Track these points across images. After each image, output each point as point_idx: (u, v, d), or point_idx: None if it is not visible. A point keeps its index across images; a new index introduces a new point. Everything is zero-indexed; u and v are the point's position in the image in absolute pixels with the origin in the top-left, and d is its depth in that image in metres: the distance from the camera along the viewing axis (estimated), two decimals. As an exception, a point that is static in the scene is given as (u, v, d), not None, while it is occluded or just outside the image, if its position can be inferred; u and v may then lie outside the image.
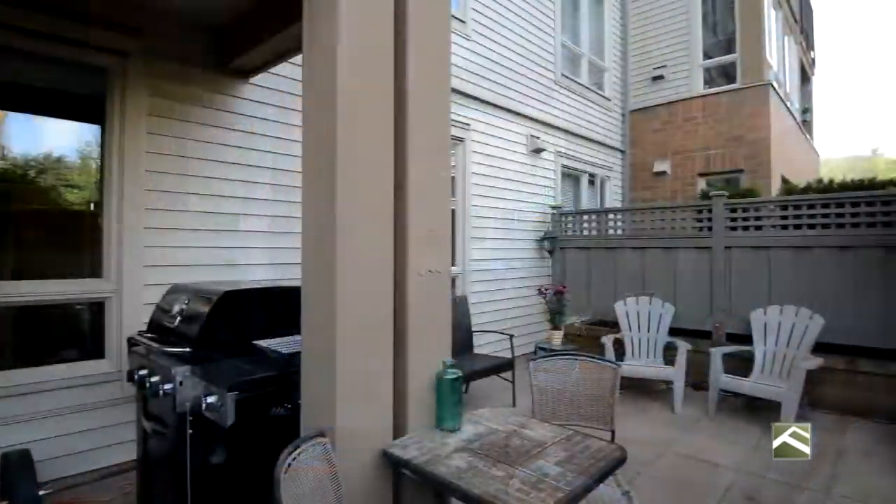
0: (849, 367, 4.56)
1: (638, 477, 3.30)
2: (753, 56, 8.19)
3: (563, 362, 2.65)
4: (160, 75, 3.48)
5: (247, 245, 3.91)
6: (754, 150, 7.89)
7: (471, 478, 1.59)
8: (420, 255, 2.08)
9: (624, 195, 9.21)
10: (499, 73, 6.38)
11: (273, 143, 4.06)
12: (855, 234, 4.61)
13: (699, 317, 5.46)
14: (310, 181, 1.97)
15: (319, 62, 1.94)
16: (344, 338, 1.81)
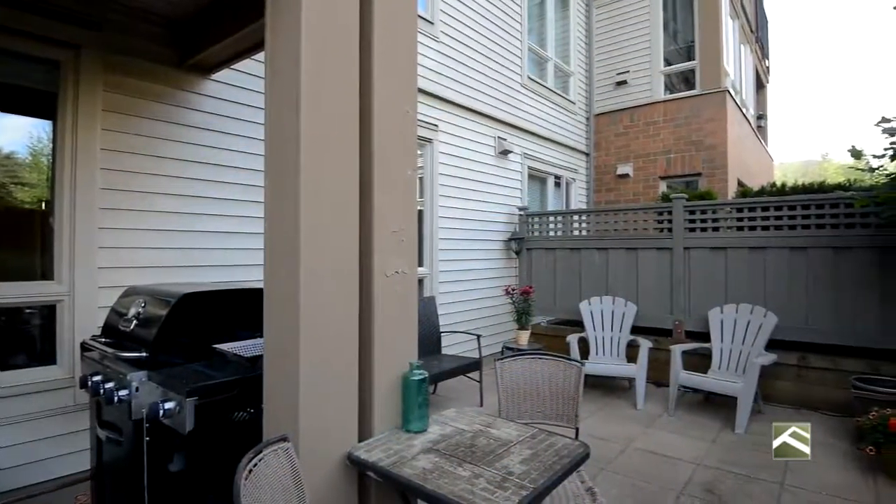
0: (801, 362, 4.77)
1: (601, 473, 3.38)
2: (711, 64, 8.48)
3: (528, 362, 2.69)
4: (116, 70, 3.35)
5: (209, 246, 3.81)
6: (712, 154, 8.18)
7: (436, 479, 1.59)
8: (386, 256, 2.07)
9: (589, 197, 9.40)
10: (467, 75, 6.41)
11: (237, 142, 3.97)
12: (806, 236, 4.83)
13: (660, 315, 5.63)
14: (273, 180, 1.94)
15: (282, 59, 1.91)
16: (308, 340, 1.79)
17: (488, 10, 6.87)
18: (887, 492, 3.09)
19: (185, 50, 3.59)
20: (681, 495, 3.10)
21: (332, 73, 1.92)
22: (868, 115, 25.81)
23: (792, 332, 4.79)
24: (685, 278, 5.50)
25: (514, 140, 7.30)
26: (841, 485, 3.21)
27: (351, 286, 1.96)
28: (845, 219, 4.64)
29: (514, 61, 7.39)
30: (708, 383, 4.55)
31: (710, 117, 8.26)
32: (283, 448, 1.62)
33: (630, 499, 3.05)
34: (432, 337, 5.03)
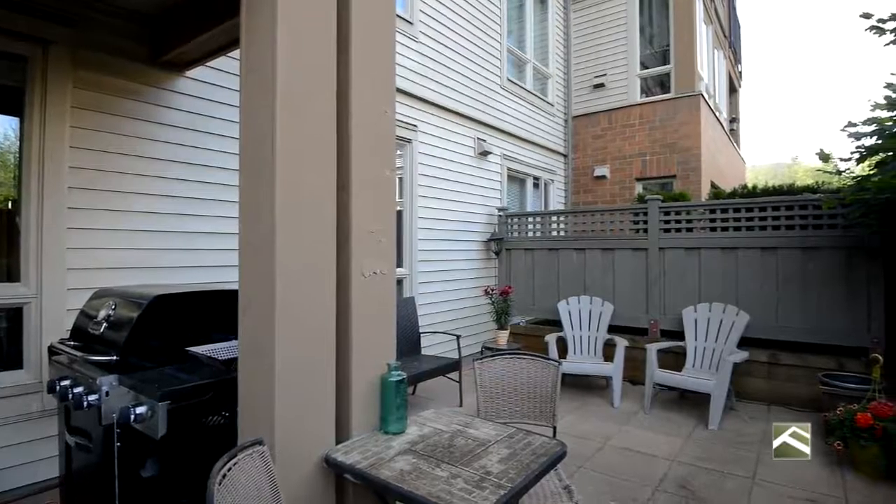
0: (771, 360, 4.90)
1: (579, 471, 3.42)
2: (686, 68, 8.66)
3: (507, 361, 2.70)
4: (86, 66, 3.26)
5: (183, 247, 3.74)
6: (686, 156, 8.35)
7: (414, 480, 1.59)
8: (364, 256, 2.06)
9: (567, 198, 9.50)
10: (446, 76, 6.42)
11: (215, 141, 3.91)
12: (776, 236, 4.97)
13: (636, 315, 5.72)
14: (247, 180, 1.91)
15: (258, 56, 1.88)
16: (283, 342, 1.77)
17: (468, 11, 6.90)
18: (854, 486, 3.20)
19: (158, 46, 3.52)
20: (656, 491, 3.15)
21: (308, 72, 1.90)
22: (836, 120, 26.51)
23: (763, 331, 4.92)
24: (660, 278, 5.60)
25: (494, 141, 7.33)
26: (810, 479, 3.30)
27: (328, 287, 1.95)
28: (814, 220, 4.78)
29: (494, 63, 7.42)
30: (682, 381, 4.64)
31: (684, 120, 8.43)
32: (258, 452, 1.60)
33: (607, 495, 3.09)
34: (412, 337, 5.03)
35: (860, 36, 20.53)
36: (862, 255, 4.52)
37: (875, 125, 3.68)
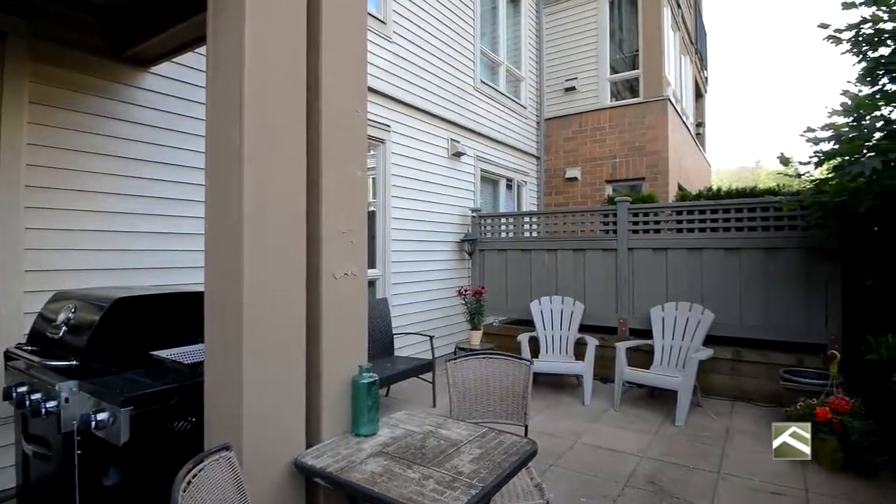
0: (735, 357, 5.06)
1: (551, 468, 3.46)
2: (654, 73, 8.86)
3: (479, 362, 2.71)
4: (45, 59, 3.13)
5: (147, 248, 3.63)
6: (654, 159, 8.55)
7: (385, 482, 1.58)
8: (334, 257, 2.04)
9: (539, 199, 9.61)
10: (420, 77, 6.42)
11: (178, 138, 3.81)
12: (740, 237, 5.13)
13: (606, 314, 5.82)
14: (214, 179, 1.87)
15: (224, 53, 1.85)
16: (251, 344, 1.73)
17: (441, 12, 6.91)
18: (814, 478, 3.32)
19: (121, 40, 3.41)
20: (626, 487, 3.21)
21: (277, 70, 1.87)
22: (797, 125, 27.60)
23: (727, 329, 5.08)
24: (629, 278, 5.72)
25: (467, 142, 7.36)
26: (772, 470, 3.42)
27: (297, 288, 1.92)
28: (775, 221, 4.96)
29: (467, 64, 7.45)
30: (650, 378, 4.74)
31: (652, 124, 8.63)
32: (224, 457, 1.56)
33: (578, 492, 3.14)
34: (385, 339, 5.00)
35: (820, 45, 21.48)
36: (820, 255, 4.70)
37: (832, 131, 3.84)
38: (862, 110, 3.73)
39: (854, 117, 3.78)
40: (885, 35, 3.86)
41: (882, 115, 3.77)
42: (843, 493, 3.10)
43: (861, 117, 3.75)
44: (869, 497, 3.05)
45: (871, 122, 3.70)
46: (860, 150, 3.63)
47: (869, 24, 3.89)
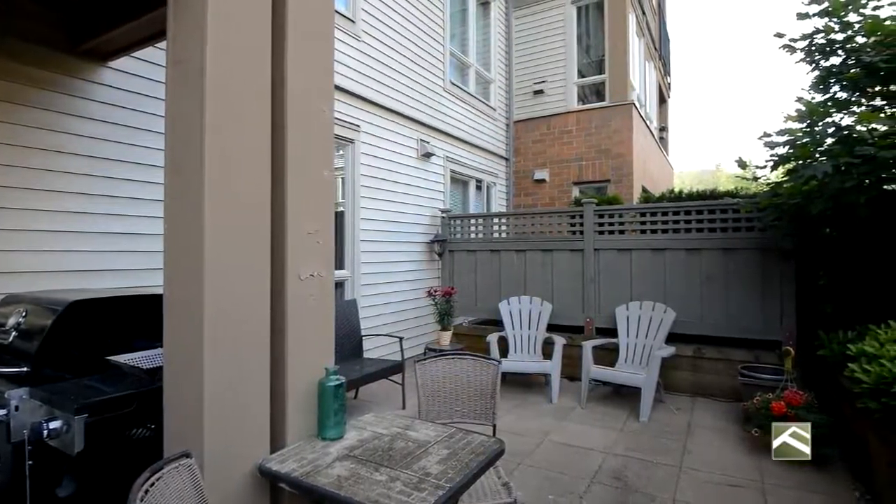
0: (696, 354, 5.21)
1: (519, 467, 3.49)
2: (619, 78, 9.06)
3: (448, 362, 2.72)
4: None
5: (105, 249, 3.49)
6: (619, 162, 8.74)
7: (352, 485, 1.56)
8: (301, 258, 2.00)
9: (508, 200, 9.69)
10: (389, 77, 6.39)
11: (138, 136, 3.68)
12: (700, 238, 5.29)
13: (573, 313, 5.91)
14: (174, 177, 1.81)
15: (185, 47, 1.79)
16: (213, 348, 1.69)
17: (411, 12, 6.89)
18: (770, 470, 3.45)
19: (78, 33, 3.28)
20: (592, 483, 3.27)
21: (240, 66, 1.83)
22: (756, 130, 28.63)
23: (689, 326, 5.23)
24: (595, 278, 5.82)
25: (437, 143, 7.36)
26: (731, 464, 3.53)
27: (261, 290, 1.88)
28: (733, 223, 5.14)
29: (437, 65, 7.46)
30: (615, 376, 4.85)
31: (617, 128, 8.82)
32: (184, 464, 1.51)
33: (546, 490, 3.17)
34: (353, 340, 4.95)
35: (777, 53, 22.39)
36: (776, 256, 4.89)
37: (787, 136, 4.00)
38: (815, 117, 3.90)
39: (808, 123, 3.95)
40: (836, 45, 4.05)
41: (833, 121, 3.95)
42: (797, 484, 3.23)
43: (814, 123, 3.92)
44: (821, 486, 3.19)
45: (824, 128, 3.87)
46: (813, 155, 3.79)
47: (821, 34, 4.08)
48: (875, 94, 4.04)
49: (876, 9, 3.91)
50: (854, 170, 3.45)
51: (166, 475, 1.44)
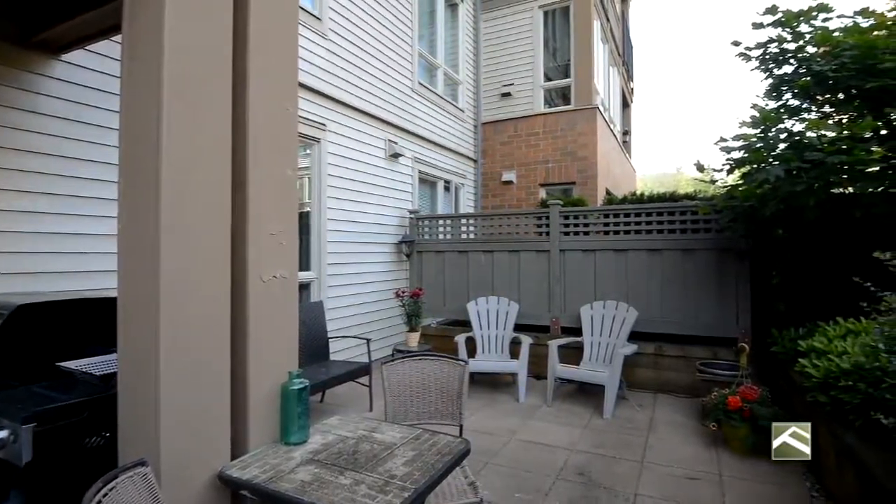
0: (657, 351, 5.36)
1: (486, 466, 3.51)
2: (585, 82, 9.24)
3: (415, 363, 2.71)
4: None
5: (58, 250, 3.34)
6: (585, 164, 8.92)
7: (316, 490, 1.54)
8: (263, 259, 1.96)
9: (477, 201, 9.75)
10: (357, 76, 6.33)
11: (92, 132, 3.54)
12: (661, 239, 5.45)
13: (540, 313, 6.00)
14: (128, 176, 1.75)
15: (142, 42, 1.73)
16: (169, 352, 1.64)
17: (379, 12, 6.85)
18: (727, 462, 3.57)
19: (29, 25, 3.12)
20: (557, 480, 3.32)
21: (199, 62, 1.78)
22: (714, 135, 29.54)
23: (650, 325, 5.37)
24: (561, 278, 5.92)
25: (405, 144, 7.35)
26: (690, 458, 3.65)
27: (221, 292, 1.83)
28: (692, 224, 5.31)
29: (405, 66, 7.44)
30: (580, 374, 4.94)
31: (582, 131, 8.99)
32: (140, 473, 1.46)
33: (513, 488, 3.20)
34: (319, 343, 4.88)
35: (734, 61, 23.48)
36: (732, 256, 5.08)
37: (742, 141, 4.16)
38: (768, 123, 4.07)
39: (761, 129, 4.11)
40: (788, 55, 4.23)
41: (785, 127, 4.13)
42: (752, 476, 3.36)
43: (767, 129, 4.08)
44: (774, 478, 3.32)
45: (776, 134, 4.04)
46: (766, 159, 3.95)
47: (775, 43, 4.25)
48: (824, 102, 4.24)
49: (826, 20, 4.10)
50: (804, 174, 3.61)
51: (120, 485, 1.38)
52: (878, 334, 2.45)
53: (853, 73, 3.59)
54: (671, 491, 3.16)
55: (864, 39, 3.58)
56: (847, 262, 3.79)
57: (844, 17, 4.06)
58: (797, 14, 4.11)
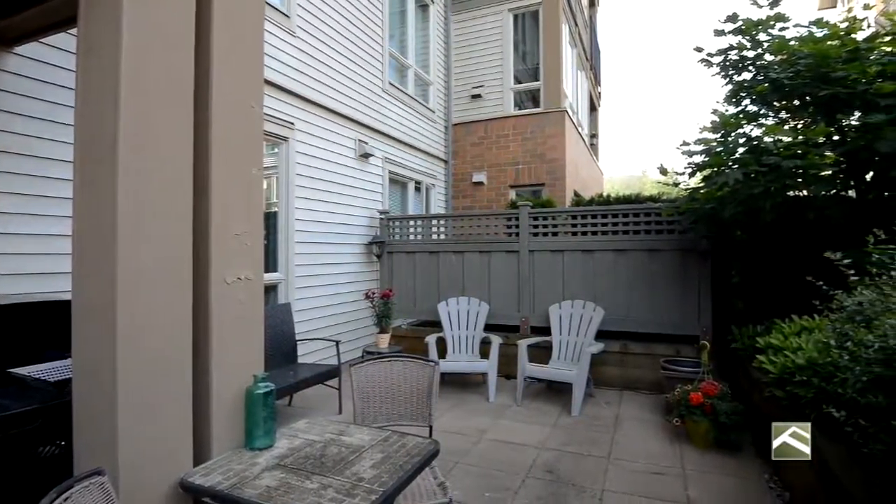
0: (623, 349, 5.48)
1: (456, 466, 3.51)
2: (554, 85, 9.37)
3: (384, 365, 2.69)
4: None
5: (12, 251, 3.19)
6: (553, 166, 9.05)
7: (282, 496, 1.52)
8: (227, 261, 1.92)
9: (447, 202, 9.77)
10: (326, 75, 6.26)
11: (45, 128, 3.39)
12: (627, 240, 5.57)
13: (510, 313, 6.05)
14: (84, 174, 1.68)
15: (99, 35, 1.67)
16: (127, 357, 1.58)
17: (349, 10, 6.78)
18: (690, 456, 3.68)
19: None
20: (526, 478, 3.35)
21: (159, 57, 1.73)
22: (678, 138, 30.51)
23: (616, 324, 5.48)
24: (530, 278, 5.99)
25: (376, 144, 7.30)
26: (655, 453, 3.74)
27: (181, 294, 1.78)
28: (656, 226, 5.44)
29: (375, 65, 7.39)
30: (549, 373, 5.00)
31: (551, 134, 9.12)
32: (96, 483, 1.41)
33: (483, 487, 3.22)
34: (287, 345, 4.80)
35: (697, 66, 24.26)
36: (695, 256, 5.23)
37: (703, 145, 4.28)
38: (728, 128, 4.20)
39: (722, 134, 4.24)
40: (747, 62, 4.38)
41: (744, 132, 4.27)
42: (713, 469, 3.46)
43: (727, 134, 4.21)
44: (734, 470, 3.44)
45: (736, 139, 4.17)
46: (726, 163, 4.07)
47: (735, 50, 4.40)
48: (781, 108, 4.40)
49: (782, 29, 4.26)
50: (761, 177, 3.75)
51: (76, 495, 1.33)
52: (829, 331, 2.55)
53: (807, 80, 3.74)
54: (637, 486, 3.23)
55: (818, 49, 3.73)
56: (802, 262, 3.95)
57: (800, 27, 4.23)
58: (756, 23, 4.26)
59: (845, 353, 2.26)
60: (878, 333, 2.02)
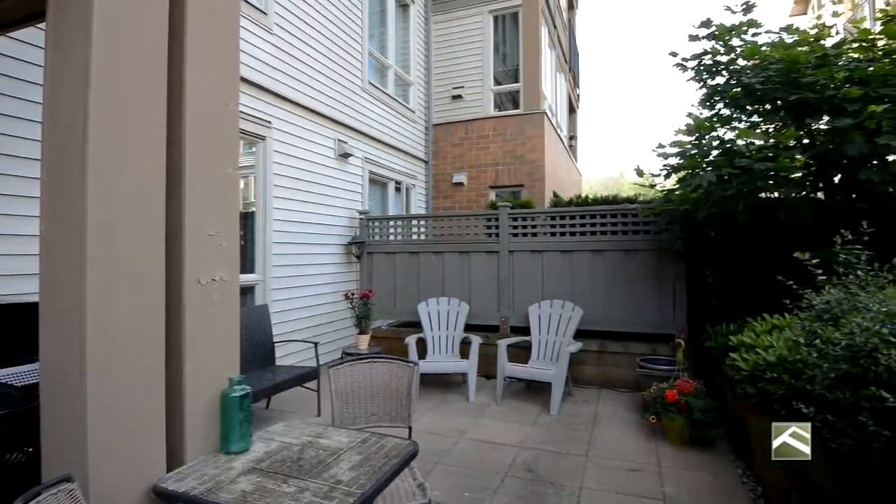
0: (601, 348, 5.55)
1: (436, 466, 3.51)
2: (533, 87, 9.44)
3: (363, 366, 2.68)
4: None
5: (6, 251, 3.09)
6: (533, 167, 9.11)
7: (258, 500, 1.49)
8: (201, 262, 1.88)
9: (428, 203, 9.76)
10: (305, 73, 6.19)
11: (26, 129, 3.28)
12: (604, 240, 5.64)
13: (489, 313, 6.07)
14: (52, 172, 1.63)
15: (68, 30, 1.62)
16: (97, 360, 1.54)
17: (328, 8, 6.72)
18: (665, 453, 3.74)
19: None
20: (506, 477, 3.37)
21: (132, 53, 1.69)
22: (655, 140, 31.05)
23: (594, 323, 5.55)
24: (510, 278, 6.02)
25: (355, 144, 7.25)
26: (632, 450, 3.80)
27: (153, 296, 1.74)
28: (633, 226, 5.53)
29: (355, 64, 7.34)
30: (528, 372, 5.04)
31: (531, 135, 9.19)
32: (65, 490, 1.37)
33: (462, 487, 3.22)
34: (265, 347, 4.74)
35: (673, 71, 24.54)
36: (670, 256, 5.33)
37: (678, 147, 4.36)
38: (702, 131, 4.29)
39: (696, 137, 4.33)
40: (721, 66, 4.47)
41: (718, 135, 4.37)
42: (689, 465, 3.53)
43: (701, 137, 4.31)
44: (709, 466, 3.51)
45: (709, 142, 4.27)
46: (700, 165, 4.16)
47: (709, 55, 4.49)
48: (753, 112, 4.51)
49: (755, 35, 4.37)
50: (734, 179, 3.84)
51: (44, 503, 1.29)
52: (799, 329, 2.62)
53: (778, 85, 3.84)
54: (614, 483, 3.28)
55: (789, 54, 3.83)
56: (774, 262, 4.04)
57: (772, 33, 4.35)
58: (729, 28, 4.35)
59: (814, 350, 2.33)
60: (845, 331, 2.09)
